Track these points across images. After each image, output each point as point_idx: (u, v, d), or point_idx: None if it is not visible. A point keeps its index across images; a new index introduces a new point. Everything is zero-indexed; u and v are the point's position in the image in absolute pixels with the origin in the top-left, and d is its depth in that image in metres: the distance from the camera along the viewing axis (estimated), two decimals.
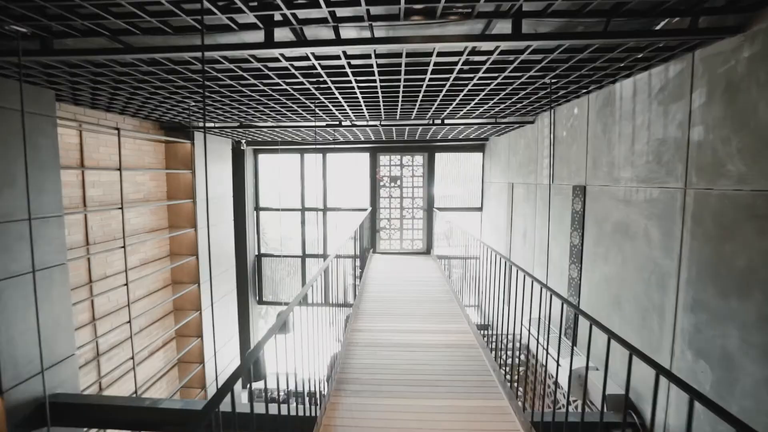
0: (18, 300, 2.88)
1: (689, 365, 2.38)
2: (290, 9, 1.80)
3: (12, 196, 2.83)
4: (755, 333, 1.93)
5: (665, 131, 2.61)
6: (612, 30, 2.06)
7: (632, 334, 2.93)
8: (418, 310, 4.64)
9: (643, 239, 2.84)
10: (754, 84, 1.95)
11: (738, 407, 2.00)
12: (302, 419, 2.30)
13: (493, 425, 2.47)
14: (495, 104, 4.04)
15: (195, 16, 1.87)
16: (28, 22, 1.96)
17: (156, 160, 5.45)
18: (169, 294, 5.66)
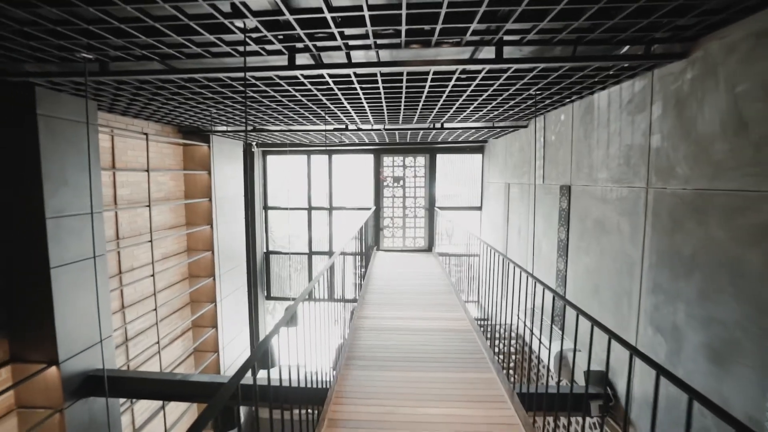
0: (69, 285, 3.30)
1: (650, 340, 2.77)
2: (311, 41, 2.21)
3: (65, 195, 3.26)
4: (696, 307, 2.32)
5: (632, 138, 3.01)
6: (579, 55, 2.46)
7: (608, 316, 3.32)
8: (419, 301, 5.04)
9: (616, 233, 3.24)
10: (694, 101, 2.34)
11: (683, 370, 2.39)
12: (317, 390, 2.69)
13: (482, 392, 2.87)
14: (489, 111, 4.44)
15: (234, 47, 2.28)
16: (95, 51, 2.37)
17: (175, 162, 5.88)
18: (186, 287, 6.08)
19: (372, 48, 2.35)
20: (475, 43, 2.34)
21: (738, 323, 2.05)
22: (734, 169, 2.08)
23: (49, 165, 3.11)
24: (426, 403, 2.72)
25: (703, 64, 2.29)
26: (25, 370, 3.21)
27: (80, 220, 3.43)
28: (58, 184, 3.20)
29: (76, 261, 3.37)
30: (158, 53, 2.43)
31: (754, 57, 1.96)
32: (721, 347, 2.15)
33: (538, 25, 2.04)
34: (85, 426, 3.44)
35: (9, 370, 3.22)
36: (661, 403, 2.52)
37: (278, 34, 2.14)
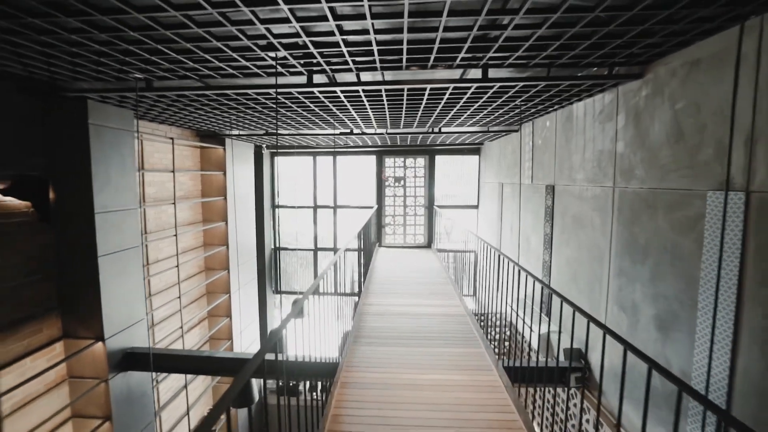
0: (112, 272, 3.78)
1: (615, 318, 3.23)
2: (328, 65, 2.68)
3: (109, 193, 3.73)
4: (648, 286, 2.78)
5: (603, 144, 3.47)
6: (552, 75, 2.92)
7: (584, 300, 3.78)
8: (419, 291, 5.51)
9: (590, 227, 3.70)
10: (647, 114, 2.80)
11: (639, 339, 2.86)
12: (329, 364, 3.16)
13: (471, 363, 3.34)
14: (482, 117, 4.90)
15: (264, 69, 2.75)
16: (146, 73, 2.85)
17: (193, 163, 6.36)
18: (203, 279, 6.56)
19: (378, 70, 2.81)
20: (465, 66, 2.81)
21: (676, 297, 2.51)
22: (674, 171, 2.55)
23: (97, 167, 3.59)
24: (423, 371, 3.18)
25: (654, 85, 2.76)
26: (75, 345, 3.69)
27: (120, 215, 3.90)
28: (104, 183, 3.68)
29: (117, 251, 3.84)
30: (198, 74, 2.90)
31: (689, 81, 2.43)
32: (665, 317, 2.62)
33: (515, 53, 2.50)
34: (125, 395, 3.92)
35: (62, 345, 3.69)
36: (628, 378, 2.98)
37: (301, 60, 2.61)
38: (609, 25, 2.07)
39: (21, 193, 3.27)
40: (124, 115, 3.95)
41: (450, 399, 2.78)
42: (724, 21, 2.02)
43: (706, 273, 2.27)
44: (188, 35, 2.15)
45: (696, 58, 2.38)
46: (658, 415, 2.62)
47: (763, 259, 1.94)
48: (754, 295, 1.99)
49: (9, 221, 3.21)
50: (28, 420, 3.34)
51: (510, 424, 2.50)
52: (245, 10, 1.84)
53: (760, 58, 1.94)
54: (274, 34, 2.14)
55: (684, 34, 2.22)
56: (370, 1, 1.75)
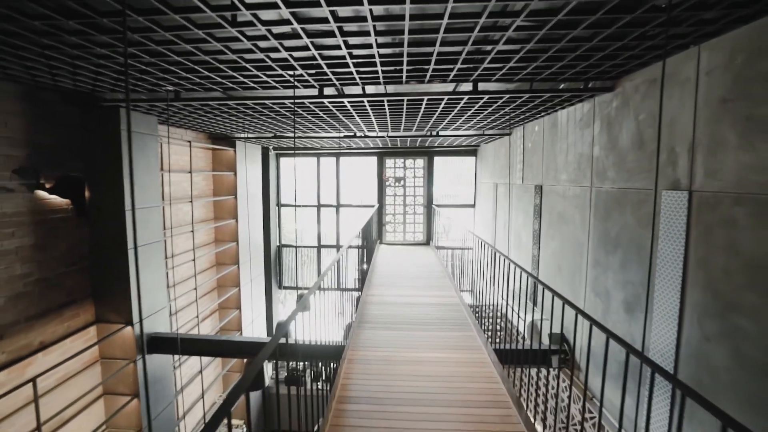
0: (139, 263, 4.17)
1: (592, 303, 3.63)
2: (339, 81, 3.08)
3: (137, 192, 4.13)
4: (618, 274, 3.18)
5: (582, 148, 3.87)
6: (535, 88, 3.32)
7: (567, 289, 4.18)
8: (417, 284, 5.90)
9: (572, 223, 4.10)
10: (617, 123, 3.20)
11: (611, 321, 3.26)
12: (336, 347, 3.56)
13: (464, 344, 3.74)
14: (475, 123, 5.30)
15: (282, 83, 3.15)
16: (177, 86, 3.24)
17: (205, 164, 6.75)
18: (214, 273, 6.96)
19: (381, 83, 3.21)
20: (457, 80, 3.20)
21: (640, 282, 2.91)
22: (638, 173, 2.94)
23: (128, 167, 3.99)
24: (420, 350, 3.58)
25: (622, 97, 3.15)
26: (107, 329, 4.09)
27: (146, 212, 4.30)
28: (134, 183, 4.06)
29: (143, 245, 4.24)
30: (222, 86, 3.30)
31: (648, 96, 2.83)
32: (631, 300, 3.02)
33: (501, 70, 2.90)
34: (150, 375, 4.32)
35: (95, 329, 4.09)
36: (595, 350, 3.38)
37: (313, 76, 3.00)
38: (576, 51, 2.46)
39: (62, 192, 3.67)
40: (149, 121, 4.35)
41: (444, 372, 3.18)
42: (672, 48, 2.42)
43: (661, 260, 2.67)
44: (223, 59, 2.55)
45: (653, 77, 2.78)
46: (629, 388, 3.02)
47: (700, 246, 2.34)
48: (694, 276, 2.39)
49: (54, 217, 3.61)
50: (69, 394, 3.74)
51: (495, 390, 2.90)
52: (274, 42, 2.23)
53: (698, 81, 2.34)
54: (294, 57, 2.54)
55: (641, 58, 2.62)
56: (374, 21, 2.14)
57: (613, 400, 3.14)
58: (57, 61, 2.61)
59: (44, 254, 3.51)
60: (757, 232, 1.97)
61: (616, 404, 3.08)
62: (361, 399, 2.79)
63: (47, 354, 3.53)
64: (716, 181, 2.23)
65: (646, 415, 1.93)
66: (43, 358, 3.49)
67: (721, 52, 2.20)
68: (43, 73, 2.90)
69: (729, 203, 2.14)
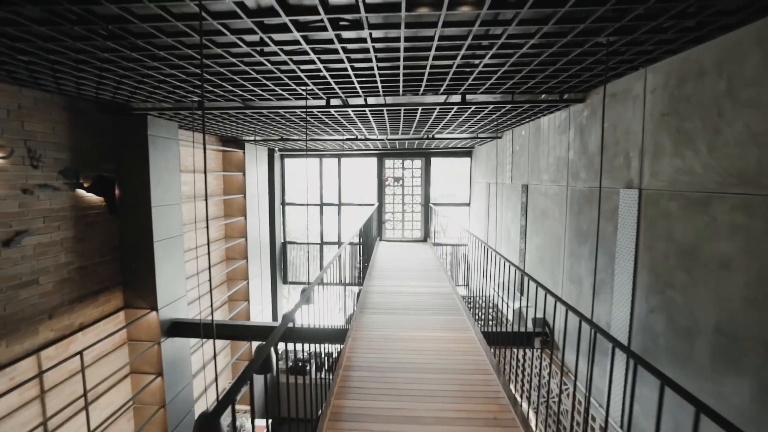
0: (163, 255, 4.63)
1: (568, 289, 4.09)
2: (344, 94, 3.54)
3: (160, 190, 4.59)
4: (588, 262, 3.65)
5: (560, 151, 4.33)
6: (516, 99, 3.79)
7: (548, 278, 4.64)
8: (414, 276, 6.37)
9: (552, 218, 4.56)
10: (587, 130, 3.67)
11: (583, 303, 3.72)
12: (340, 330, 4.02)
13: (454, 325, 4.20)
14: (467, 128, 5.76)
15: (294, 95, 3.61)
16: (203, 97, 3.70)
17: (217, 165, 7.21)
18: (224, 267, 7.42)
19: (380, 95, 3.67)
20: (447, 92, 3.67)
21: (604, 269, 3.38)
22: (603, 174, 3.41)
23: (153, 169, 4.45)
24: (415, 330, 4.05)
25: (591, 108, 3.62)
26: (134, 314, 4.55)
27: (168, 209, 4.76)
28: (157, 183, 4.53)
29: (166, 238, 4.70)
30: (241, 98, 3.76)
31: (609, 107, 3.29)
32: (598, 285, 3.48)
33: (485, 84, 3.36)
34: (172, 356, 4.78)
35: (123, 314, 4.55)
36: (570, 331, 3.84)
37: (322, 89, 3.47)
38: (545, 71, 2.93)
39: (97, 190, 4.12)
40: (171, 126, 4.81)
41: (436, 347, 3.64)
42: (625, 69, 2.89)
43: (619, 249, 3.14)
44: (248, 78, 3.01)
45: (613, 92, 3.24)
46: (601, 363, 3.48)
47: (646, 235, 2.81)
48: (642, 261, 2.85)
49: (90, 212, 4.07)
50: (101, 372, 4.20)
51: (479, 361, 3.36)
52: (292, 66, 2.69)
53: (645, 97, 2.81)
54: (307, 76, 3.00)
55: (600, 76, 3.09)
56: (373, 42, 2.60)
57: (583, 372, 3.60)
58: (107, 79, 3.07)
59: (83, 246, 3.97)
60: (684, 223, 2.44)
61: (586, 375, 3.54)
62: (363, 368, 3.25)
63: (86, 334, 3.99)
64: (658, 180, 2.69)
65: (608, 381, 2.37)
66: (83, 337, 3.95)
67: (660, 75, 2.66)
68: (89, 87, 3.36)
69: (666, 199, 2.60)
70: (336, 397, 2.82)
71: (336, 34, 2.16)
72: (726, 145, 2.13)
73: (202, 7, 1.75)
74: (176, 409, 4.82)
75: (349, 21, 1.97)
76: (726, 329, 2.12)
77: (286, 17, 1.89)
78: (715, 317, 2.20)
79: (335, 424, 2.52)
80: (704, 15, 1.90)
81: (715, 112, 2.20)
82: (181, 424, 4.90)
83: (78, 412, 3.81)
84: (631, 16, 1.92)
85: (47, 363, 3.50)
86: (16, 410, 3.19)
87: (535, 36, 2.18)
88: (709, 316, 2.23)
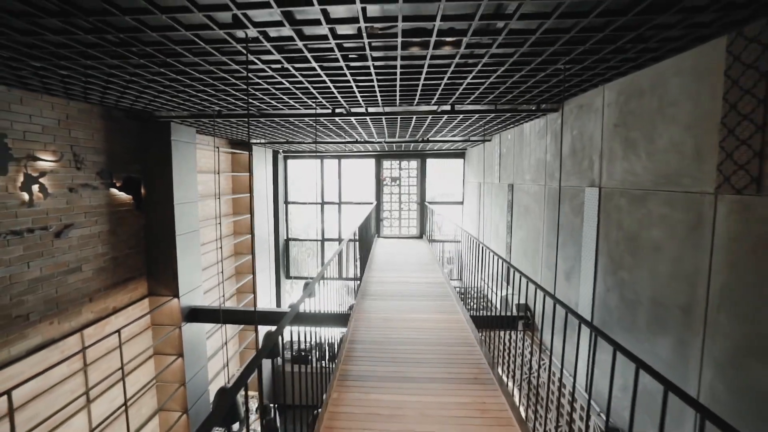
0: (183, 248, 5.13)
1: (545, 276, 4.63)
2: (347, 103, 4.06)
3: (181, 189, 5.08)
4: (561, 251, 4.18)
5: (539, 154, 4.86)
6: (499, 108, 4.32)
7: (530, 267, 5.18)
8: (410, 268, 6.89)
9: (533, 214, 5.09)
10: (560, 136, 4.20)
11: (558, 288, 4.25)
12: (344, 314, 4.54)
13: (445, 309, 4.73)
14: (458, 132, 6.29)
15: (305, 107, 4.13)
16: (221, 107, 4.21)
17: (226, 166, 7.71)
18: (232, 262, 7.92)
19: (379, 105, 4.19)
20: (439, 103, 4.19)
21: (574, 257, 3.91)
22: (573, 175, 3.94)
23: (176, 170, 4.95)
24: (411, 313, 4.57)
25: (563, 117, 4.15)
26: (158, 301, 5.05)
27: (187, 206, 5.26)
28: (179, 182, 5.03)
29: (186, 233, 5.20)
30: (258, 108, 4.27)
31: (577, 117, 3.82)
32: (569, 271, 4.02)
33: (470, 97, 3.89)
34: (190, 340, 5.28)
35: (147, 301, 5.05)
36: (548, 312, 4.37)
37: (330, 101, 3.98)
38: (520, 88, 3.45)
39: (127, 189, 4.62)
40: (190, 131, 5.31)
41: (428, 326, 4.16)
42: (588, 86, 3.42)
43: (585, 239, 3.67)
44: (268, 93, 3.52)
45: (581, 104, 3.77)
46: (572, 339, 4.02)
47: (604, 226, 3.34)
48: (601, 248, 3.39)
49: (121, 209, 4.56)
50: (130, 352, 4.69)
51: (465, 337, 3.89)
52: (306, 84, 3.21)
53: (603, 110, 3.34)
54: (318, 91, 3.51)
55: (568, 91, 3.62)
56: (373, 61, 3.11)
57: (558, 348, 4.13)
58: (147, 95, 3.57)
59: (115, 238, 4.46)
60: (630, 215, 2.97)
61: (560, 351, 4.08)
62: (365, 342, 3.77)
63: (117, 317, 4.49)
64: (612, 180, 3.22)
65: (575, 353, 2.88)
66: (115, 320, 4.45)
67: (613, 92, 3.20)
68: (129, 99, 3.86)
69: (618, 195, 3.13)
70: (343, 364, 3.34)
71: (345, 64, 2.68)
72: (657, 152, 2.66)
73: (248, 49, 2.26)
74: (194, 387, 5.32)
75: (357, 55, 2.49)
76: (658, 299, 2.66)
77: (308, 54, 2.40)
78: (650, 291, 2.73)
79: (343, 382, 3.04)
80: (635, 51, 2.43)
81: (651, 125, 2.73)
82: (198, 401, 5.40)
83: (113, 384, 4.31)
84: (577, 52, 2.45)
85: (88, 341, 4.00)
86: (66, 378, 3.69)
87: (505, 64, 2.70)
88: (646, 290, 2.77)
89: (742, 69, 1.95)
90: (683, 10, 1.83)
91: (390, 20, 1.96)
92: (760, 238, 1.89)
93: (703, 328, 2.24)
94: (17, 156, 3.26)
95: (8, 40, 2.11)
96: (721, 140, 2.10)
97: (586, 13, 1.89)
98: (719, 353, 2.13)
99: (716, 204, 2.16)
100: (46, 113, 3.54)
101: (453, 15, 1.91)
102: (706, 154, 2.23)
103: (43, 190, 3.50)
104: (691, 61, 2.36)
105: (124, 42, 2.19)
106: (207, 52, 2.38)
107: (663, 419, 1.43)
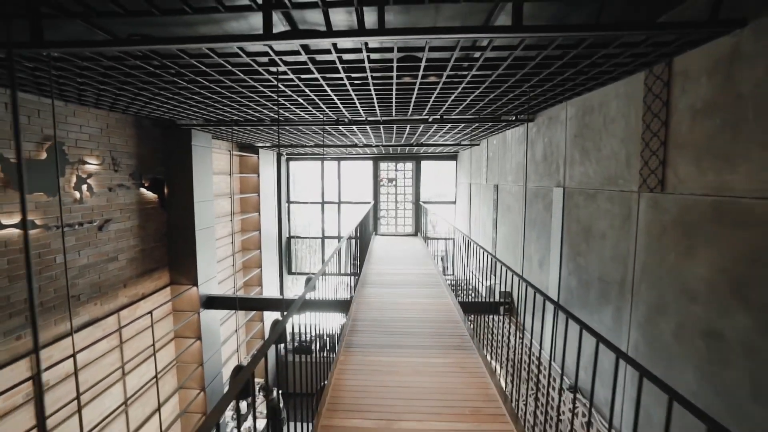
0: (201, 241, 5.72)
1: (525, 267, 5.25)
2: (349, 113, 4.67)
3: (199, 189, 5.67)
4: (535, 243, 4.81)
5: (519, 158, 5.49)
6: (482, 117, 4.94)
7: (512, 259, 5.80)
8: (405, 262, 7.51)
9: (513, 211, 5.72)
10: (535, 143, 4.83)
11: (533, 276, 4.88)
12: (345, 301, 5.15)
13: (435, 295, 5.34)
14: (448, 138, 6.92)
15: (311, 114, 4.74)
16: (239, 115, 4.80)
17: (235, 167, 8.29)
18: (241, 257, 8.49)
19: (377, 115, 4.80)
20: (431, 113, 4.81)
21: (545, 247, 4.53)
22: (545, 176, 4.57)
23: (195, 172, 5.53)
24: (405, 298, 5.18)
25: (537, 126, 4.78)
26: (178, 289, 5.63)
27: (205, 204, 5.84)
28: (198, 183, 5.62)
29: (204, 228, 5.79)
30: (270, 117, 4.86)
31: (548, 127, 4.45)
32: (542, 260, 4.64)
33: (456, 109, 4.50)
34: (207, 324, 5.87)
35: (169, 289, 5.63)
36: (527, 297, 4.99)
37: (333, 111, 4.58)
38: (497, 103, 4.08)
39: (153, 189, 5.20)
40: (207, 137, 5.90)
41: (420, 308, 4.78)
42: (555, 102, 4.04)
43: (553, 232, 4.29)
44: (285, 109, 4.12)
45: (551, 116, 4.40)
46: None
47: (566, 220, 3.97)
48: (565, 238, 4.01)
49: (148, 207, 5.14)
50: (156, 334, 5.27)
51: (452, 316, 4.51)
52: (320, 105, 3.81)
53: (566, 122, 3.97)
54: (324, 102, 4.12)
55: (539, 105, 4.25)
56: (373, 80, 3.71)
57: (536, 328, 4.75)
58: (182, 107, 4.15)
59: (143, 232, 5.05)
60: (585, 210, 3.60)
61: (537, 330, 4.71)
62: (366, 320, 4.38)
63: (146, 302, 5.07)
64: (573, 181, 3.85)
65: (551, 333, 3.49)
66: (144, 304, 5.03)
67: (573, 107, 3.83)
68: (161, 110, 4.44)
69: (577, 194, 3.76)
70: (347, 336, 3.94)
71: (349, 82, 3.29)
72: (603, 158, 3.29)
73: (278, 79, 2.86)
74: (211, 368, 5.91)
75: (359, 79, 3.10)
76: (603, 278, 3.28)
77: (318, 74, 3.01)
78: (598, 271, 3.36)
79: (348, 350, 3.65)
80: (595, 73, 3.05)
81: (599, 137, 3.36)
82: (214, 380, 5.99)
83: (142, 362, 4.89)
84: (545, 74, 3.06)
85: (124, 321, 4.58)
86: (107, 353, 4.27)
87: (480, 88, 3.32)
88: (596, 271, 3.40)
89: (653, 98, 2.58)
90: (622, 45, 2.39)
91: (385, 51, 2.57)
92: (663, 225, 2.52)
93: (631, 297, 2.87)
94: (71, 160, 3.84)
95: (92, 72, 2.70)
96: (641, 151, 2.73)
97: (545, 46, 2.50)
98: (640, 316, 2.76)
99: (639, 200, 2.79)
100: (92, 123, 4.12)
101: (438, 47, 2.53)
102: (633, 161, 2.86)
103: (90, 189, 4.08)
104: (624, 88, 2.99)
105: (181, 74, 2.79)
106: (242, 80, 2.99)
107: (615, 379, 2.05)
